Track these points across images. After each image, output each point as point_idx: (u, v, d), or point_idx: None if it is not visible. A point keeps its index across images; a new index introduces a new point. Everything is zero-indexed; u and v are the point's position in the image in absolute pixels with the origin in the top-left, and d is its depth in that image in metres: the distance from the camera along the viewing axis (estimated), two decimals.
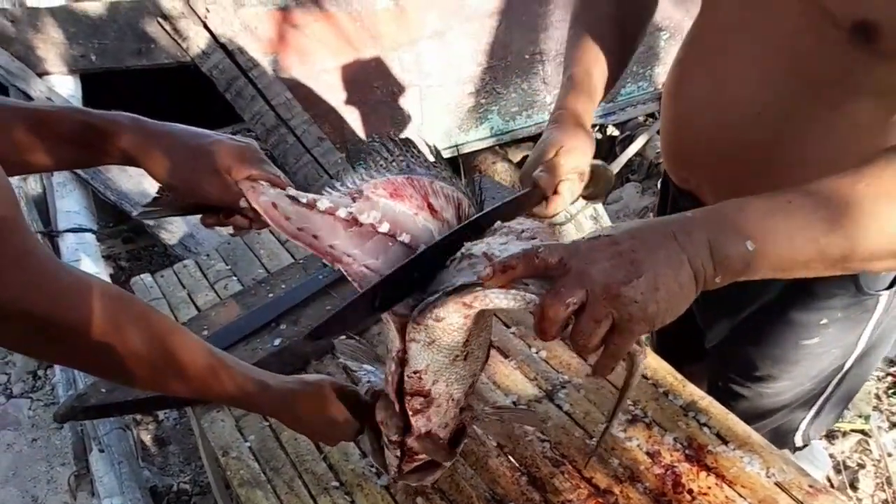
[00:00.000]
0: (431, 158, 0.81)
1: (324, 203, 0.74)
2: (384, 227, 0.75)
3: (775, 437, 1.16)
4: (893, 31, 0.69)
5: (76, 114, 0.77)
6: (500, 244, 0.70)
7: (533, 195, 0.86)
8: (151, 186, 0.82)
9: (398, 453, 0.84)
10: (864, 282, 0.95)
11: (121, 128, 0.76)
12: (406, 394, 0.77)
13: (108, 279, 2.15)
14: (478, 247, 0.70)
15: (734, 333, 1.11)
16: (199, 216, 0.84)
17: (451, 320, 0.68)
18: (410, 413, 0.79)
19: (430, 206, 0.78)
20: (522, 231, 0.73)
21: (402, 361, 0.74)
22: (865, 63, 0.74)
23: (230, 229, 0.84)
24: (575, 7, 1.04)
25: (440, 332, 0.70)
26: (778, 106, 0.84)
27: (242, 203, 0.78)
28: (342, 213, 0.74)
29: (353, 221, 0.74)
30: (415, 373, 0.74)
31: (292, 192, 0.77)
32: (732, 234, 0.58)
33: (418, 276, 0.71)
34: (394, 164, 0.79)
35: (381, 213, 0.75)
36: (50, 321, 0.58)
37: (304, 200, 0.75)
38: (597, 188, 0.96)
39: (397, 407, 0.79)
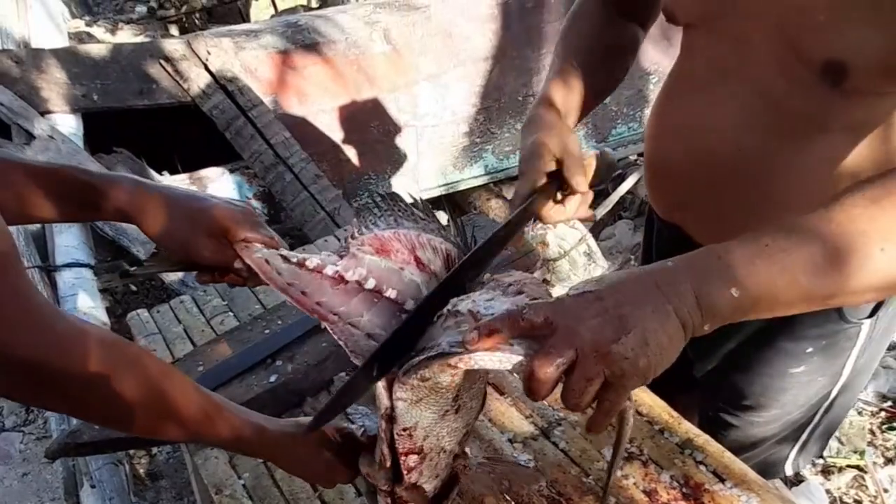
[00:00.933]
0: (420, 212, 0.83)
1: (313, 262, 0.77)
2: (370, 284, 0.76)
3: (765, 468, 1.17)
4: (861, 71, 0.73)
5: (78, 173, 0.79)
6: (486, 300, 0.69)
7: (534, 204, 0.83)
8: None
9: (389, 501, 0.84)
10: (846, 311, 0.97)
11: (120, 189, 0.78)
12: (399, 453, 0.76)
13: (104, 313, 2.15)
14: (464, 303, 0.70)
15: (723, 363, 1.12)
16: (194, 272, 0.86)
17: (437, 380, 0.67)
18: (405, 471, 0.78)
19: (416, 259, 0.79)
20: (509, 285, 0.72)
21: (391, 419, 0.73)
22: (836, 101, 0.78)
23: None
24: (562, 34, 1.05)
25: (427, 391, 0.69)
26: (754, 142, 0.87)
27: (237, 264, 0.81)
28: (329, 270, 0.76)
29: (339, 279, 0.76)
30: (404, 430, 0.73)
31: (284, 252, 0.80)
32: (717, 282, 0.59)
33: (414, 335, 0.70)
34: (381, 219, 0.80)
35: (367, 270, 0.76)
36: (44, 368, 0.58)
37: (294, 260, 0.78)
38: (603, 175, 0.94)
39: (389, 462, 0.78)
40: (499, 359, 0.60)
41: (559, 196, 0.87)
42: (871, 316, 0.98)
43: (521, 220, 0.83)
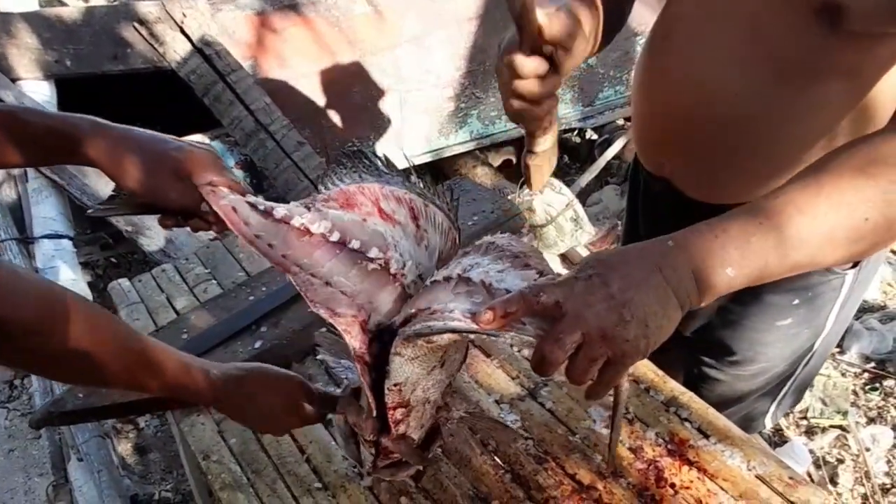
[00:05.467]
0: (383, 165, 0.86)
1: (279, 211, 0.79)
2: (334, 237, 0.78)
3: (747, 422, 1.19)
4: (857, 12, 0.72)
5: (38, 116, 0.78)
6: (497, 271, 0.72)
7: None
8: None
9: (373, 451, 0.85)
10: None
11: (81, 132, 0.77)
12: (388, 407, 0.78)
13: (85, 285, 2.12)
14: (475, 271, 0.72)
15: (711, 319, 1.13)
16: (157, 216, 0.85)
17: (440, 342, 0.71)
18: (392, 423, 0.80)
19: (380, 210, 0.82)
20: (517, 255, 0.75)
21: (365, 362, 0.76)
22: (833, 45, 0.77)
23: (209, 234, 0.85)
24: None
25: (426, 350, 0.73)
26: (749, 89, 0.86)
27: (203, 207, 0.81)
28: (296, 222, 0.78)
29: (305, 231, 0.78)
30: (395, 385, 0.76)
31: (251, 198, 0.81)
32: (713, 264, 0.62)
33: None
34: (346, 176, 0.84)
35: (331, 223, 0.79)
36: None
37: (261, 208, 0.79)
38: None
39: (375, 412, 0.80)
40: (510, 337, 0.64)
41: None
42: (853, 266, 0.99)
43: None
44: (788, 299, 1.03)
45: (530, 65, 0.77)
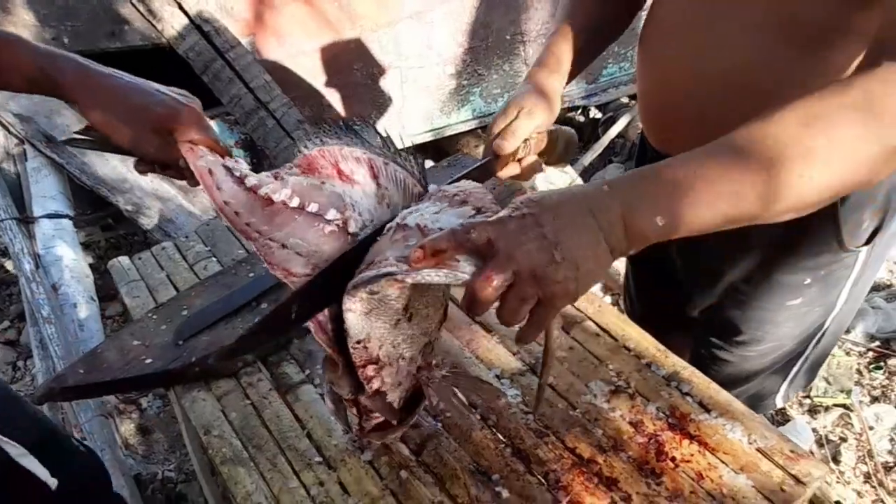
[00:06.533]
0: (342, 130, 0.88)
1: (251, 180, 0.81)
2: (294, 202, 0.80)
3: (757, 401, 1.18)
4: None
5: (26, 51, 0.78)
6: (433, 213, 0.72)
7: (493, 163, 0.89)
8: (128, 170, 0.83)
9: (355, 411, 0.86)
10: (846, 240, 0.96)
11: (65, 74, 0.77)
12: (357, 366, 0.78)
13: (86, 265, 2.12)
14: (412, 216, 0.72)
15: (720, 299, 1.11)
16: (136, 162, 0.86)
17: (385, 293, 0.71)
18: (365, 380, 0.80)
19: (339, 171, 0.84)
20: (455, 195, 0.75)
21: (317, 321, 0.77)
22: (850, 8, 0.74)
23: (209, 213, 0.85)
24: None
25: (376, 302, 0.72)
26: (761, 57, 0.83)
27: (181, 163, 0.82)
28: (262, 191, 0.80)
29: (268, 200, 0.80)
30: (358, 343, 0.76)
31: (229, 162, 0.82)
32: (643, 210, 0.62)
33: (334, 286, 0.74)
34: (310, 141, 0.86)
35: (291, 189, 0.80)
36: None
37: (236, 174, 0.82)
38: (560, 152, 0.98)
39: (341, 365, 0.80)
40: (444, 275, 0.64)
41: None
42: (867, 243, 0.97)
43: (483, 175, 0.89)
44: (800, 279, 1.01)
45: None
